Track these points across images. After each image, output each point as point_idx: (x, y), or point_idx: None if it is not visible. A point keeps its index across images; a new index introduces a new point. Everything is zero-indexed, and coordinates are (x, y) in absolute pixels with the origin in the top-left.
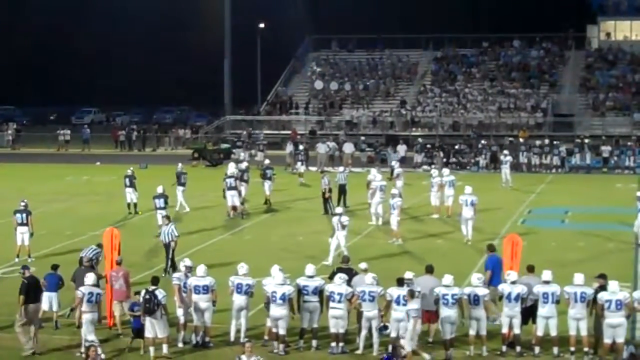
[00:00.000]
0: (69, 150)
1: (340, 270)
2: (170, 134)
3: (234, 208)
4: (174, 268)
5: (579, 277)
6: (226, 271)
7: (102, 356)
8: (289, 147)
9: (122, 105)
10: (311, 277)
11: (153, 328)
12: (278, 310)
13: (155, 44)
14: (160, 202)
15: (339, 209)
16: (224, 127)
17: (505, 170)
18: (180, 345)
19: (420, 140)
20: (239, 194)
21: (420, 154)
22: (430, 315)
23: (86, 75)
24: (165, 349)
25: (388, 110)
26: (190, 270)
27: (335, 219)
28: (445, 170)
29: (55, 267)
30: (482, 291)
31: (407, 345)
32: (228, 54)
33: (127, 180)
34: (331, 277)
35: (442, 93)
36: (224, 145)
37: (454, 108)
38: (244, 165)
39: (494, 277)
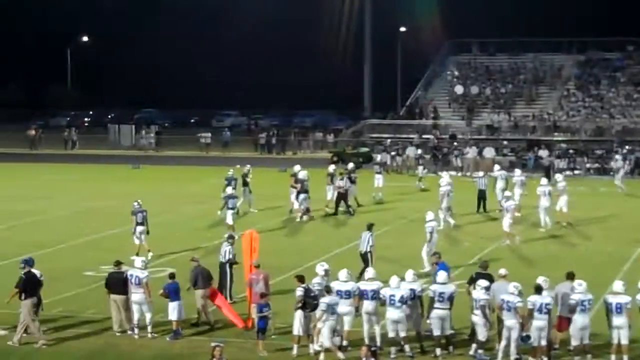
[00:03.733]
0: (210, 153)
1: (478, 275)
2: (310, 138)
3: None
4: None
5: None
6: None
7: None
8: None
9: (262, 109)
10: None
11: (307, 325)
12: (395, 313)
13: (297, 47)
14: (232, 203)
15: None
16: (363, 131)
17: (618, 175)
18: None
19: (562, 145)
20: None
21: (562, 159)
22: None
23: (227, 78)
24: (311, 347)
25: (530, 115)
26: (327, 273)
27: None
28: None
29: (172, 275)
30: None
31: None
32: (368, 58)
33: (234, 181)
34: (470, 283)
35: (586, 98)
36: (363, 149)
37: (597, 113)
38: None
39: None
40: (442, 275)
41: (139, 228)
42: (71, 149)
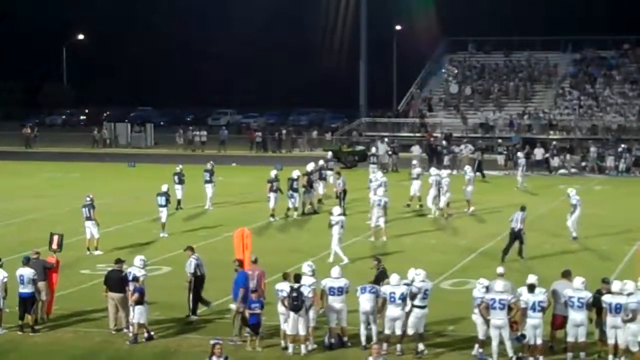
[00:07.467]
0: (205, 151)
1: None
2: (305, 136)
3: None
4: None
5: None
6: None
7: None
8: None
9: (258, 107)
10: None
11: (295, 325)
12: (395, 310)
13: (293, 46)
14: (161, 200)
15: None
16: (359, 129)
17: (519, 170)
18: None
19: (554, 143)
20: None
21: (554, 157)
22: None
23: (223, 76)
24: (303, 348)
25: (525, 113)
26: (314, 273)
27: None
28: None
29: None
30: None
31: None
32: (364, 56)
33: (175, 177)
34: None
35: (581, 96)
36: (359, 147)
37: (593, 111)
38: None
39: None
40: (421, 273)
41: (86, 223)
42: (103, 147)
